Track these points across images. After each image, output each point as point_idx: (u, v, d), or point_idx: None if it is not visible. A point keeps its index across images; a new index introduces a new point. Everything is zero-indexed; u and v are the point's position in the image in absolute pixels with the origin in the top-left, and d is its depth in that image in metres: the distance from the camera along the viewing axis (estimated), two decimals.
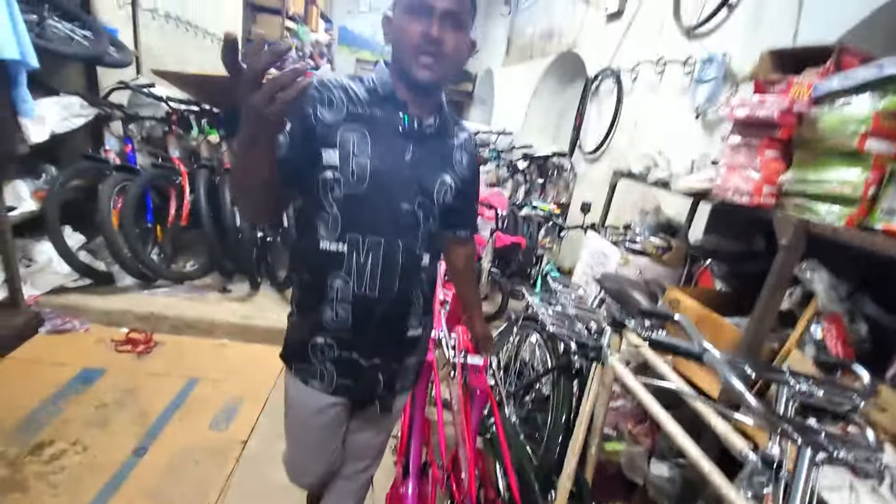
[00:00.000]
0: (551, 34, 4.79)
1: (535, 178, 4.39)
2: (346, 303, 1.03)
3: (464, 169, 1.10)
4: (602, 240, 1.98)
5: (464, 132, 1.14)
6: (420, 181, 1.02)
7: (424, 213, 1.04)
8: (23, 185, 2.41)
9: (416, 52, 0.94)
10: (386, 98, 1.01)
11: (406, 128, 1.00)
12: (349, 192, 0.97)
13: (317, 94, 0.97)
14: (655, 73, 2.75)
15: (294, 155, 0.95)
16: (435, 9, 0.92)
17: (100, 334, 2.45)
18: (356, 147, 0.96)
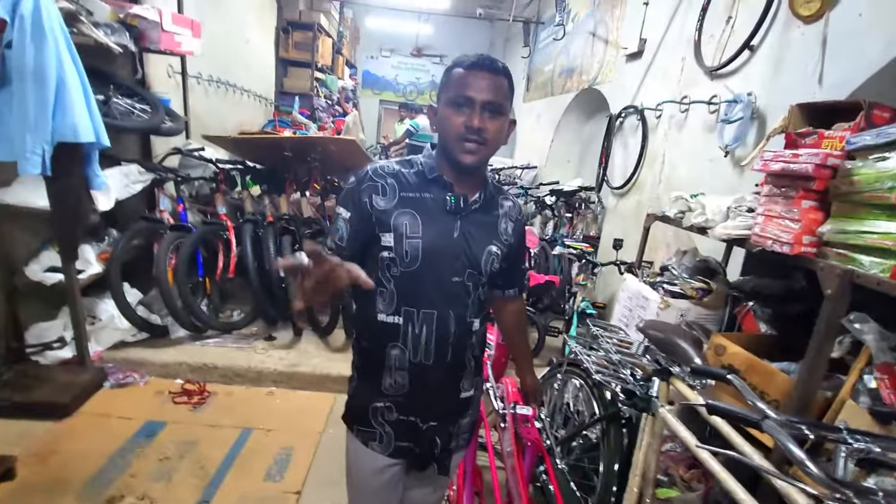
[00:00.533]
0: (571, 71, 4.93)
1: (564, 212, 4.44)
2: (403, 370, 1.10)
3: (509, 236, 1.17)
4: (640, 283, 2.01)
5: (508, 201, 1.21)
6: (468, 254, 1.09)
7: (473, 283, 1.11)
8: (89, 250, 2.61)
9: (460, 140, 1.03)
10: (433, 180, 1.10)
11: (453, 206, 1.08)
12: (404, 270, 1.06)
13: (371, 184, 1.08)
14: (680, 111, 2.81)
15: (355, 246, 1.09)
16: (475, 101, 1.01)
17: (158, 386, 2.59)
18: (408, 229, 1.05)
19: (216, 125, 4.36)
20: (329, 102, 7.33)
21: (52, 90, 1.92)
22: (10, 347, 2.35)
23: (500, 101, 1.04)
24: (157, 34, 2.73)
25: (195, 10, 3.64)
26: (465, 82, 1.02)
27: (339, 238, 1.09)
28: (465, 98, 1.02)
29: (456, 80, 1.04)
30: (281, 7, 5.95)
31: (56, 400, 2.22)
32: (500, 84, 1.04)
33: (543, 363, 3.24)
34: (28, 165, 1.93)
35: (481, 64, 1.03)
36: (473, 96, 1.01)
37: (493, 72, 1.03)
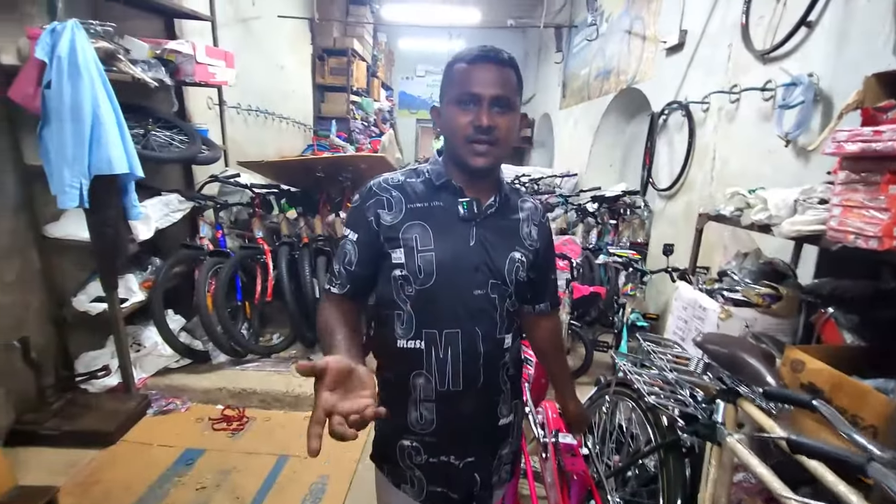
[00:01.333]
0: (608, 73, 4.73)
1: (607, 219, 4.21)
2: (430, 402, 1.00)
3: (533, 241, 1.06)
4: (696, 291, 1.80)
5: (527, 203, 1.10)
6: (489, 264, 0.99)
7: (499, 294, 1.00)
8: (133, 278, 2.67)
9: (468, 141, 0.94)
10: (442, 187, 1.01)
11: (466, 213, 0.99)
12: (419, 288, 0.97)
13: (376, 199, 0.99)
14: (730, 102, 2.58)
15: (366, 269, 1.01)
16: (482, 97, 0.92)
17: (199, 412, 2.59)
18: (419, 242, 0.96)
19: (256, 152, 4.48)
20: (365, 124, 7.45)
21: (88, 126, 1.98)
22: (59, 377, 2.42)
23: (509, 95, 0.95)
24: (192, 67, 2.81)
25: (231, 43, 3.77)
26: (469, 78, 0.93)
27: (348, 262, 1.01)
28: (471, 95, 0.93)
29: (459, 77, 0.95)
30: (315, 35, 6.12)
31: (101, 428, 2.25)
32: (507, 76, 0.95)
33: (592, 381, 3.03)
34: (66, 199, 1.99)
35: (486, 56, 0.94)
36: (480, 92, 0.92)
37: (500, 63, 0.94)
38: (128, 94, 2.71)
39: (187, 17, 3.25)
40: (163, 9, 3.02)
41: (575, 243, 3.61)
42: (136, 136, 2.60)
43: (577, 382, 2.95)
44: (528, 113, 9.03)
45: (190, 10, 3.16)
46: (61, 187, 1.98)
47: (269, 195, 3.32)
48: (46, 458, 2.15)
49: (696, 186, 2.95)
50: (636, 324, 2.79)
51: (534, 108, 8.71)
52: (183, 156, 2.76)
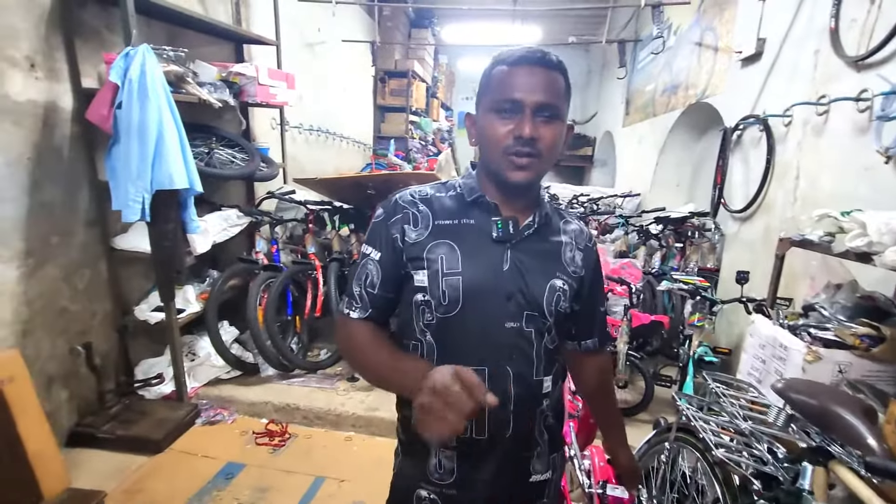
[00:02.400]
0: (676, 87, 4.47)
1: (672, 242, 3.92)
2: (450, 449, 0.89)
3: (578, 268, 0.94)
4: (775, 326, 1.57)
5: (572, 225, 0.98)
6: (524, 292, 0.87)
7: (536, 328, 0.88)
8: (191, 290, 2.78)
9: (507, 153, 0.84)
10: (474, 204, 0.91)
11: (500, 233, 0.88)
12: (442, 316, 0.86)
13: (402, 214, 0.90)
14: (817, 115, 2.31)
15: (389, 293, 0.91)
16: (525, 104, 0.82)
17: (244, 425, 2.61)
18: (445, 264, 0.86)
19: (316, 170, 4.62)
20: (423, 143, 7.54)
21: (152, 144, 2.08)
22: (119, 382, 2.53)
23: (556, 102, 0.84)
24: (255, 88, 2.93)
25: (296, 67, 3.93)
26: (510, 82, 0.83)
27: (370, 284, 0.90)
28: (512, 101, 0.82)
29: (499, 81, 0.84)
30: (376, 58, 6.30)
31: (151, 436, 2.31)
32: (554, 81, 0.84)
33: (651, 419, 2.76)
34: (129, 213, 2.09)
35: (530, 58, 0.83)
36: (522, 98, 0.81)
37: (546, 66, 0.84)
38: (198, 114, 2.88)
39: (254, 42, 3.42)
40: (231, 35, 3.20)
41: (635, 267, 3.38)
42: (200, 154, 2.74)
43: (636, 419, 2.75)
44: (590, 131, 8.81)
45: (256, 36, 3.32)
46: (125, 202, 2.09)
47: (322, 212, 3.38)
48: (100, 461, 2.23)
49: (775, 208, 2.65)
50: (704, 359, 2.51)
51: (595, 126, 8.47)
52: (242, 173, 2.86)
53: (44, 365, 2.19)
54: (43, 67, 2.10)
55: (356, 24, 5.89)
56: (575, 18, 7.27)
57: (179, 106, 2.53)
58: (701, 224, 3.92)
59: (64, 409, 2.32)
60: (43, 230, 2.15)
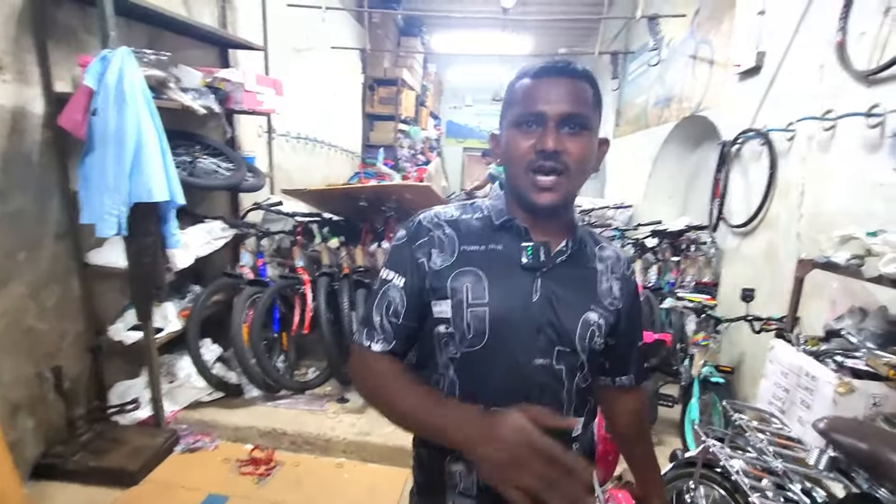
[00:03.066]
0: (669, 100, 4.45)
1: (668, 256, 3.86)
2: (469, 497, 0.81)
3: (615, 299, 0.86)
4: (799, 353, 1.49)
5: (607, 251, 0.91)
6: (555, 326, 0.80)
7: (567, 366, 0.81)
8: (170, 307, 2.61)
9: (531, 171, 0.78)
10: (503, 228, 0.84)
11: (531, 260, 0.81)
12: (466, 350, 0.80)
13: (427, 237, 0.83)
14: (823, 130, 2.26)
15: (414, 321, 0.83)
16: (548, 115, 0.76)
17: (227, 452, 2.45)
18: (470, 294, 0.79)
19: (304, 180, 4.48)
20: (412, 152, 7.45)
21: (130, 153, 1.94)
22: (91, 407, 2.35)
23: (584, 111, 0.78)
24: (241, 95, 2.79)
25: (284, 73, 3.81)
26: (533, 95, 0.78)
27: (394, 313, 0.82)
28: (535, 115, 0.77)
29: (522, 94, 0.79)
30: (366, 66, 6.20)
31: (125, 466, 2.14)
32: (581, 90, 0.78)
33: (655, 442, 2.67)
34: (105, 227, 1.94)
35: (554, 68, 0.79)
36: (545, 110, 0.76)
37: (571, 76, 0.78)
38: (181, 121, 2.73)
39: (241, 47, 3.29)
40: (217, 39, 3.07)
41: None
42: (183, 164, 2.59)
43: None
44: None
45: (243, 40, 3.19)
46: (99, 214, 1.93)
47: (311, 224, 3.24)
48: (69, 495, 2.06)
49: (778, 224, 2.60)
50: (710, 379, 2.44)
51: None
52: (227, 183, 2.71)
53: (7, 390, 2.01)
54: (11, 70, 1.95)
55: (345, 30, 5.79)
56: (566, 29, 7.29)
57: (161, 113, 2.38)
58: (696, 237, 3.88)
59: (30, 438, 2.13)
60: (9, 243, 1.98)
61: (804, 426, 1.36)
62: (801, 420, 1.38)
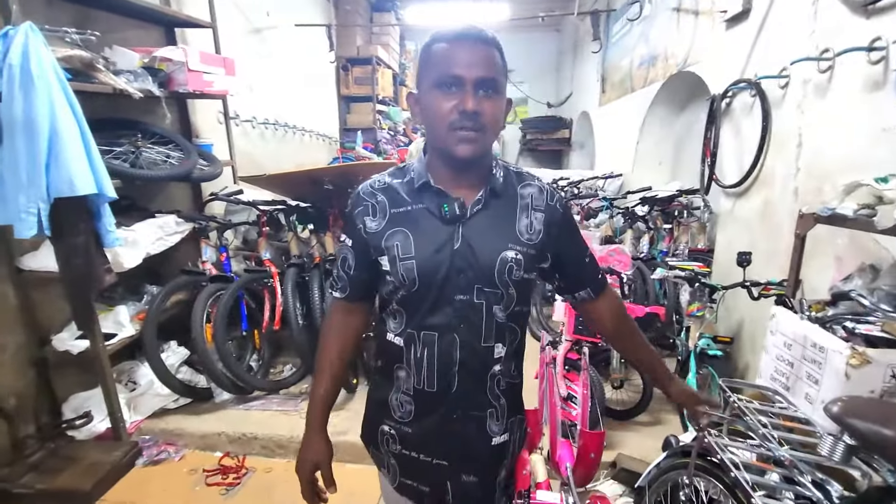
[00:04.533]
0: (654, 59, 4.21)
1: (660, 223, 3.68)
2: (408, 395, 1.00)
3: (535, 233, 0.97)
4: (803, 321, 1.30)
5: (529, 188, 1.00)
6: (474, 267, 0.93)
7: (487, 300, 0.94)
8: (124, 310, 2.42)
9: (452, 129, 0.87)
10: (423, 188, 0.96)
11: (447, 215, 0.93)
12: (404, 294, 0.95)
13: (362, 206, 0.97)
14: (819, 72, 2.05)
15: (364, 273, 1.01)
16: (465, 80, 0.86)
17: (193, 461, 2.29)
18: (400, 250, 0.93)
19: (275, 168, 4.24)
20: (392, 133, 7.19)
21: (44, 142, 1.71)
22: (40, 424, 2.17)
23: (496, 76, 0.88)
24: (184, 75, 2.56)
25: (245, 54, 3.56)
26: (450, 58, 0.87)
27: (347, 267, 1.03)
28: (453, 77, 0.86)
29: (439, 57, 0.88)
30: (336, 44, 5.89)
31: (78, 487, 1.97)
32: (492, 56, 0.88)
33: (651, 419, 2.52)
34: (23, 227, 1.73)
35: (468, 34, 0.88)
36: (462, 74, 0.86)
37: (483, 42, 0.88)
38: (121, 108, 2.50)
39: (185, 25, 3.04)
40: (156, 16, 2.81)
41: (623, 253, 3.09)
42: (125, 153, 2.37)
43: (635, 423, 2.48)
44: (566, 113, 8.54)
45: (186, 17, 2.93)
46: (16, 215, 1.72)
47: (276, 212, 3.03)
48: None
49: (774, 180, 2.40)
50: (706, 352, 2.27)
51: (571, 107, 8.20)
52: (173, 173, 2.49)
53: None
54: None
55: (311, 7, 5.49)
56: None
57: (95, 98, 2.17)
58: (689, 202, 3.69)
59: None
60: None
61: (812, 404, 1.19)
62: (809, 397, 1.21)
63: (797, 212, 2.02)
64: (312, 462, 1.03)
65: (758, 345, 2.48)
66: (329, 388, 1.05)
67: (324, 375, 1.05)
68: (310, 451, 1.03)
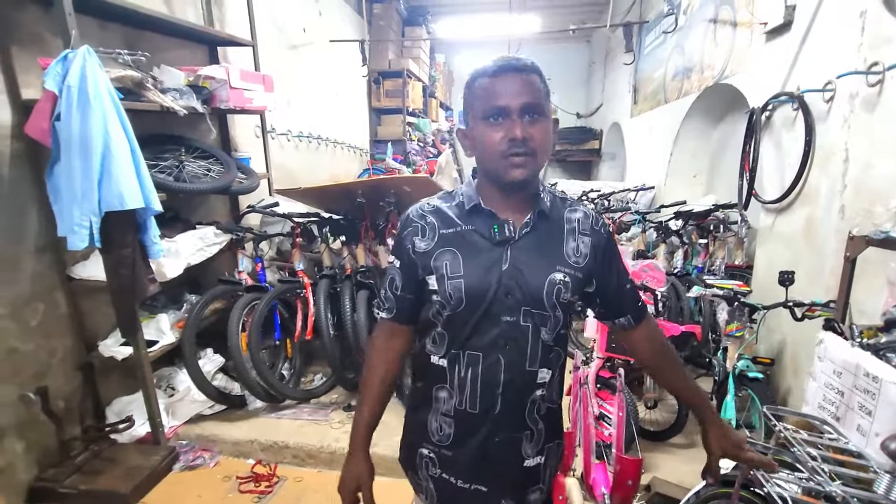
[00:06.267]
0: (689, 70, 4.13)
1: (696, 238, 3.58)
2: (449, 416, 1.01)
3: (581, 256, 0.99)
4: (855, 349, 1.25)
5: (576, 213, 1.03)
6: (522, 288, 0.94)
7: (533, 323, 0.95)
8: (165, 318, 2.51)
9: (504, 157, 0.91)
10: (473, 211, 0.99)
11: (497, 236, 0.96)
12: (451, 313, 0.97)
13: (412, 227, 1.01)
14: (868, 86, 1.97)
15: (411, 293, 1.03)
16: (511, 109, 0.89)
17: (227, 468, 2.34)
18: (449, 269, 0.96)
19: (309, 179, 4.35)
20: (422, 145, 7.26)
21: (97, 159, 1.81)
22: (85, 427, 2.26)
23: (539, 101, 0.91)
24: (226, 92, 2.66)
25: (282, 70, 3.67)
26: (493, 91, 0.91)
27: (395, 287, 1.05)
28: (498, 108, 0.90)
29: (482, 92, 0.93)
30: (368, 58, 6.02)
31: (118, 489, 2.04)
32: (532, 82, 0.91)
33: (687, 441, 2.44)
34: (76, 240, 1.83)
35: (506, 66, 0.92)
36: (507, 104, 0.90)
37: (522, 70, 0.91)
38: (166, 124, 2.62)
39: (226, 43, 3.16)
40: (200, 36, 2.94)
41: (657, 269, 3.02)
42: (169, 168, 2.47)
43: (670, 444, 2.41)
44: (596, 124, 8.46)
45: (228, 36, 3.05)
46: (69, 227, 1.82)
47: (310, 224, 3.10)
48: None
49: (819, 197, 2.32)
50: (746, 374, 2.19)
51: (602, 118, 8.13)
52: (214, 186, 2.58)
53: None
54: None
55: (345, 23, 5.63)
56: (575, 5, 6.97)
57: (144, 116, 2.28)
58: (725, 217, 3.59)
59: (21, 462, 2.05)
60: None
61: (865, 437, 1.13)
62: (861, 429, 1.15)
63: (843, 230, 1.94)
64: (355, 482, 1.04)
65: (800, 368, 2.38)
66: (373, 411, 1.06)
67: (368, 398, 1.07)
68: (353, 471, 1.05)
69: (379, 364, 1.08)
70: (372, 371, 1.07)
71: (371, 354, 1.09)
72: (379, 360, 1.08)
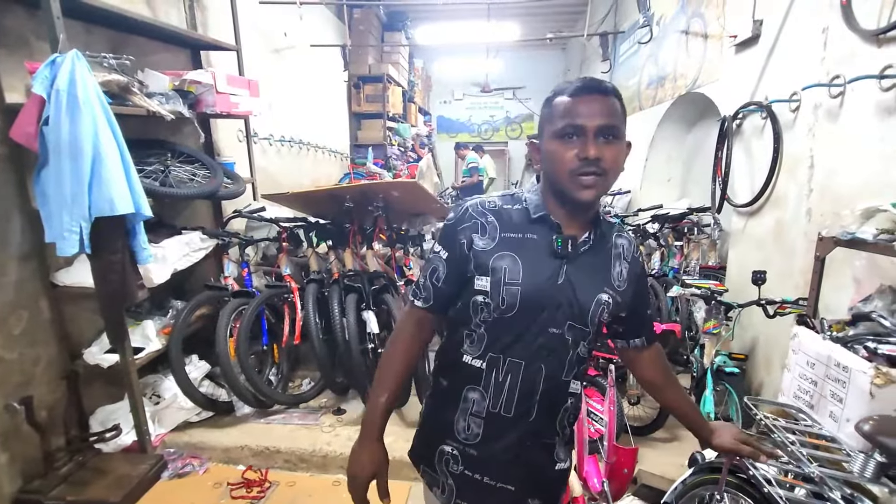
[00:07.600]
0: (663, 79, 4.30)
1: (672, 241, 3.73)
2: (479, 417, 1.00)
3: (623, 281, 1.03)
4: (826, 341, 1.35)
5: (622, 239, 1.07)
6: (573, 304, 0.97)
7: (574, 337, 0.99)
8: (150, 325, 2.47)
9: (574, 174, 0.92)
10: (538, 220, 1.00)
11: (559, 250, 0.97)
12: (498, 316, 0.97)
13: (471, 223, 0.99)
14: (830, 97, 2.12)
15: (452, 287, 1.02)
16: (587, 128, 0.90)
17: (217, 475, 2.32)
18: (507, 274, 0.95)
19: (290, 183, 4.34)
20: (402, 150, 7.30)
21: (87, 164, 1.79)
22: (69, 437, 2.21)
23: (616, 123, 0.92)
24: (213, 97, 2.65)
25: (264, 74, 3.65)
26: (572, 110, 0.92)
27: (436, 278, 1.03)
28: (574, 127, 0.91)
29: (561, 110, 0.93)
30: (349, 63, 6.04)
31: (107, 499, 2.01)
32: (612, 105, 0.93)
33: (668, 436, 2.54)
34: (66, 245, 1.80)
35: (588, 87, 0.93)
36: (584, 123, 0.90)
37: (603, 93, 0.93)
38: (151, 129, 2.60)
39: (211, 47, 3.14)
40: (184, 40, 2.92)
41: None
42: (155, 173, 2.44)
43: (651, 439, 2.51)
44: None
45: (212, 40, 3.04)
46: (59, 233, 1.79)
47: (296, 229, 3.10)
48: None
49: (787, 201, 2.46)
50: (723, 369, 2.30)
51: None
52: (201, 191, 2.56)
53: None
54: None
55: (326, 28, 5.63)
56: (552, 14, 7.13)
57: (128, 120, 2.25)
58: (698, 220, 3.74)
59: (4, 474, 2.00)
60: None
61: (837, 422, 1.23)
62: (834, 416, 1.25)
63: (810, 232, 2.08)
64: (371, 471, 1.02)
65: (772, 362, 2.52)
66: (391, 398, 1.04)
67: (387, 385, 1.04)
68: (369, 459, 1.01)
69: (402, 354, 1.06)
70: (394, 358, 1.05)
71: (395, 342, 1.07)
72: (405, 347, 1.06)
